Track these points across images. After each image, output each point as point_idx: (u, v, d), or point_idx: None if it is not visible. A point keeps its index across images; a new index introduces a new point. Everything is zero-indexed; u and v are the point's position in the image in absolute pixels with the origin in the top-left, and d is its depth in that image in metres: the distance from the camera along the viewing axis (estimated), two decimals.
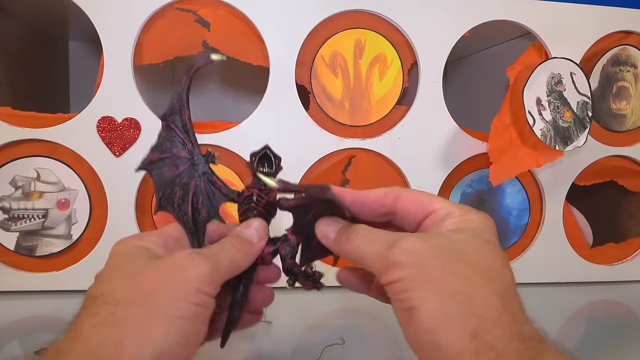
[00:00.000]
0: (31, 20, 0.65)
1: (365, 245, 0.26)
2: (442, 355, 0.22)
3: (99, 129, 0.50)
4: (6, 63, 0.60)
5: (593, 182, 0.61)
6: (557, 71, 0.53)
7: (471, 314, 0.22)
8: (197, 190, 0.32)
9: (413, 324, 0.23)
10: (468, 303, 0.22)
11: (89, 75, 0.56)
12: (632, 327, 0.51)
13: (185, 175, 0.32)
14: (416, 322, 0.22)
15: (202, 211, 0.32)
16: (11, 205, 0.50)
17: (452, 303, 0.22)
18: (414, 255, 0.24)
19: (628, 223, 0.68)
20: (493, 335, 0.21)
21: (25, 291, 0.51)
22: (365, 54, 0.54)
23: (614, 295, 0.59)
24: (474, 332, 0.21)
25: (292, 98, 0.52)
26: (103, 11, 0.49)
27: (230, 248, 0.27)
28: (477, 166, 0.57)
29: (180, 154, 0.33)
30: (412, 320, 0.23)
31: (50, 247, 0.51)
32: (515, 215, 0.59)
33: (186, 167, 0.33)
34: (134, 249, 0.27)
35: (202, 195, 0.32)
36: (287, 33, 0.52)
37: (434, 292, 0.23)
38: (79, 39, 0.78)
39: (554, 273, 0.60)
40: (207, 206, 0.32)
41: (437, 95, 0.55)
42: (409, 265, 0.23)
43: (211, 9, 0.51)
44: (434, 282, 0.23)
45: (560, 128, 0.53)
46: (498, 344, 0.21)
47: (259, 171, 0.30)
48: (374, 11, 0.53)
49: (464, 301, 0.22)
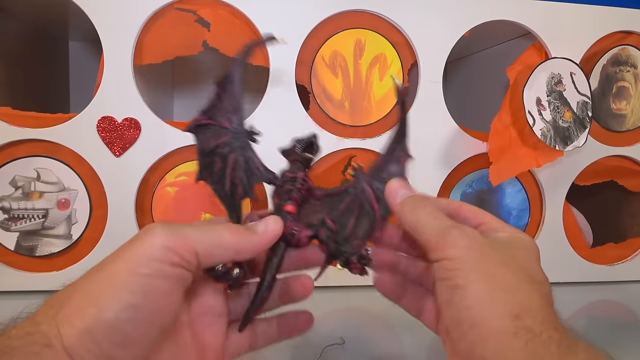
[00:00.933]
0: (31, 20, 0.65)
1: (428, 219, 0.27)
2: (480, 332, 0.22)
3: (99, 129, 0.50)
4: (6, 63, 0.60)
5: (593, 182, 0.61)
6: (557, 71, 0.53)
7: (515, 299, 0.23)
8: (236, 165, 0.31)
9: (456, 300, 0.23)
10: (513, 291, 0.23)
11: (89, 75, 0.56)
12: (632, 327, 0.51)
13: (226, 146, 0.31)
14: (459, 299, 0.23)
15: (239, 187, 0.30)
16: (11, 205, 0.50)
17: (499, 287, 0.23)
18: (472, 240, 0.25)
19: (628, 223, 0.68)
20: (534, 320, 0.22)
21: (25, 291, 0.51)
22: (365, 54, 0.54)
23: (614, 295, 0.59)
24: (516, 314, 0.22)
25: (292, 98, 0.52)
26: (103, 11, 0.49)
27: (223, 229, 0.26)
28: (477, 166, 0.57)
29: (224, 124, 0.32)
30: (454, 297, 0.23)
31: (50, 247, 0.51)
32: (515, 215, 0.59)
33: (228, 138, 0.31)
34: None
35: (240, 171, 0.31)
36: (287, 33, 0.52)
37: (482, 275, 0.23)
38: (79, 39, 0.78)
39: (554, 273, 0.60)
40: (244, 183, 0.31)
41: (437, 95, 0.55)
42: (465, 247, 0.24)
43: (211, 9, 0.51)
44: (484, 267, 0.24)
45: (560, 128, 0.53)
46: (537, 328, 0.22)
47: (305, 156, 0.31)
48: (374, 11, 0.53)
49: (509, 288, 0.23)
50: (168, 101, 0.79)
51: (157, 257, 0.23)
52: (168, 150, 0.51)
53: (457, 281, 0.23)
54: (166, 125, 0.51)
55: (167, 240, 0.23)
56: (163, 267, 0.23)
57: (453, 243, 0.24)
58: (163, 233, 0.23)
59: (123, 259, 0.23)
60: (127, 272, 0.22)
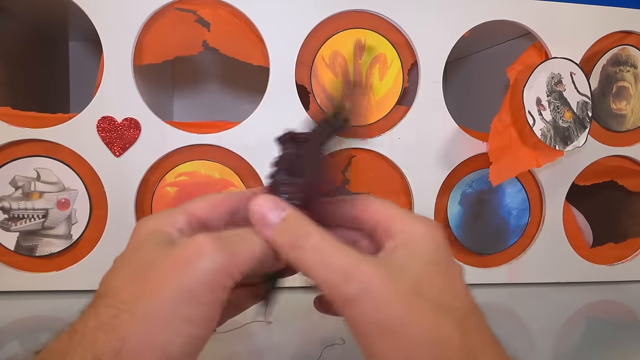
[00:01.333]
0: (31, 20, 0.65)
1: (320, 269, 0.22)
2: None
3: (99, 129, 0.50)
4: (6, 63, 0.60)
5: (593, 182, 0.61)
6: (557, 71, 0.53)
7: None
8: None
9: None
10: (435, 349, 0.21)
11: (89, 75, 0.56)
12: (632, 327, 0.51)
13: None
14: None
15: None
16: (11, 205, 0.50)
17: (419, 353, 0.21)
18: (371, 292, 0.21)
19: (628, 223, 0.68)
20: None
21: (25, 291, 0.51)
22: (365, 54, 0.54)
23: (614, 295, 0.59)
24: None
25: (292, 98, 0.52)
26: (103, 11, 0.49)
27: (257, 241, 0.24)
28: (477, 166, 0.57)
29: None
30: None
31: (50, 247, 0.51)
32: (515, 215, 0.59)
33: None
34: (149, 236, 0.24)
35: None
36: (287, 33, 0.52)
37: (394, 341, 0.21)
38: (79, 39, 0.78)
39: (554, 273, 0.60)
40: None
41: (437, 95, 0.55)
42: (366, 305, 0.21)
43: (211, 9, 0.51)
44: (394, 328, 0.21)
45: (560, 128, 0.53)
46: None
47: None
48: (374, 11, 0.53)
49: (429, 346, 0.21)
50: (168, 101, 0.79)
51: (214, 282, 0.21)
52: (168, 150, 0.51)
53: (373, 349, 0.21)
54: (166, 125, 0.51)
55: (221, 262, 0.22)
56: (219, 294, 0.22)
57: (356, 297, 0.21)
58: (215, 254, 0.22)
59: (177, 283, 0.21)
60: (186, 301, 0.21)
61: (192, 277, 0.21)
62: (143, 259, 0.23)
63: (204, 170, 0.52)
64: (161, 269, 0.22)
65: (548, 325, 0.24)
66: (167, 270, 0.22)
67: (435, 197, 0.56)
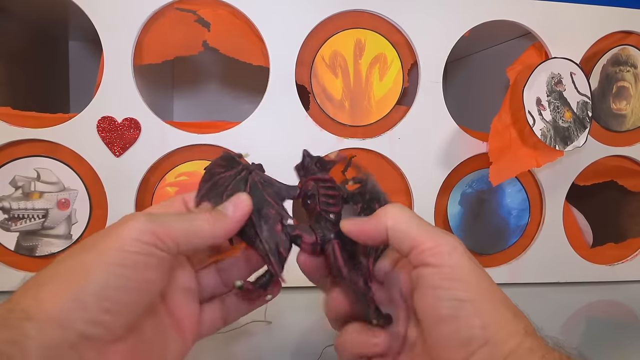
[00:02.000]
0: (31, 20, 0.65)
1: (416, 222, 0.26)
2: (497, 351, 0.22)
3: (99, 129, 0.50)
4: (6, 63, 0.60)
5: (593, 182, 0.61)
6: (557, 71, 0.53)
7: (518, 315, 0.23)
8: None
9: (464, 316, 0.22)
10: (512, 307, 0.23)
11: (89, 75, 0.56)
12: (632, 327, 0.51)
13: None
14: (470, 315, 0.22)
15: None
16: (11, 205, 0.50)
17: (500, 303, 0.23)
18: (465, 250, 0.25)
19: (628, 223, 0.68)
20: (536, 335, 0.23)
21: None
22: (365, 54, 0.54)
23: (614, 295, 0.59)
24: (525, 331, 0.22)
25: (292, 98, 0.52)
26: (103, 11, 0.49)
27: (198, 217, 0.27)
28: (477, 166, 0.57)
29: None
30: (461, 312, 0.22)
31: (50, 247, 0.51)
32: (515, 215, 0.59)
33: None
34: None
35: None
36: (287, 33, 0.52)
37: (484, 290, 0.23)
38: (79, 39, 0.78)
39: (554, 273, 0.60)
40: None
41: (437, 95, 0.55)
42: (462, 256, 0.24)
43: (211, 9, 0.51)
44: (483, 281, 0.24)
45: (560, 128, 0.53)
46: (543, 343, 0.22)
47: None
48: (374, 11, 0.53)
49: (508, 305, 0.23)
50: (168, 101, 0.79)
51: (142, 238, 0.24)
52: (168, 150, 0.51)
53: (458, 294, 0.23)
54: (166, 125, 0.51)
55: (149, 225, 0.24)
56: (149, 248, 0.24)
57: (452, 249, 0.24)
58: (144, 219, 0.24)
59: (110, 239, 0.24)
60: (116, 249, 0.23)
61: (120, 234, 0.24)
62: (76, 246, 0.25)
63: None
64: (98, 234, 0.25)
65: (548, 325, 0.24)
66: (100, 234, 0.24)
67: (435, 197, 0.56)
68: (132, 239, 0.24)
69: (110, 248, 0.23)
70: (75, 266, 0.23)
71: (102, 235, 0.24)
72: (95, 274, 0.22)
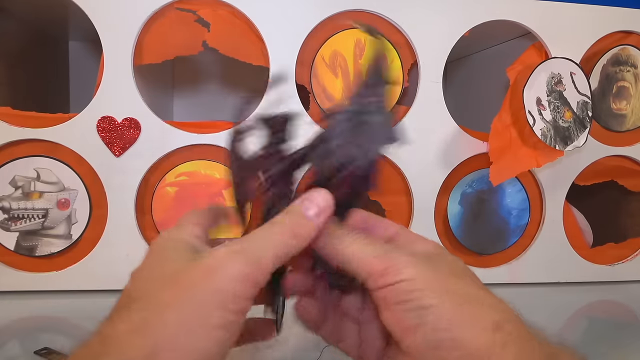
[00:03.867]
0: (31, 20, 0.65)
1: (361, 247, 0.25)
2: (466, 351, 0.21)
3: (99, 129, 0.50)
4: (6, 63, 0.60)
5: (593, 182, 0.61)
6: (557, 71, 0.53)
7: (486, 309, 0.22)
8: None
9: (429, 322, 0.22)
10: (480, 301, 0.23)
11: (89, 75, 0.56)
12: (632, 327, 0.51)
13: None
14: (434, 321, 0.22)
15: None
16: (11, 205, 0.50)
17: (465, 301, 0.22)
18: (419, 258, 0.24)
19: (628, 223, 0.68)
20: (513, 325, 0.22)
21: (25, 291, 0.51)
22: (365, 53, 0.54)
23: (614, 295, 0.59)
24: (496, 324, 0.22)
25: (292, 98, 0.52)
26: (103, 11, 0.49)
27: (279, 232, 0.24)
28: (477, 166, 0.57)
29: None
30: (426, 320, 0.22)
31: (50, 247, 0.51)
32: (515, 215, 0.59)
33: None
34: (174, 244, 0.25)
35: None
36: (287, 33, 0.52)
37: (445, 292, 0.23)
38: (79, 39, 0.78)
39: (554, 273, 0.60)
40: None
41: (437, 95, 0.55)
42: (417, 266, 0.23)
43: (211, 9, 0.51)
44: (443, 283, 0.23)
45: (560, 128, 0.53)
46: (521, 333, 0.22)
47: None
48: (374, 11, 0.53)
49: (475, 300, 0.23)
50: (168, 101, 0.79)
51: (246, 294, 0.22)
52: (168, 150, 0.51)
53: (422, 302, 0.22)
54: (166, 125, 0.51)
55: (247, 271, 0.22)
56: (246, 302, 0.22)
57: (405, 264, 0.23)
58: (240, 266, 0.22)
59: (207, 289, 0.22)
60: (215, 307, 0.21)
61: (221, 287, 0.22)
62: (171, 266, 0.23)
63: (204, 170, 0.52)
64: (192, 276, 0.22)
65: (548, 325, 0.24)
66: (197, 278, 0.22)
67: (435, 197, 0.56)
68: (234, 296, 0.22)
69: (212, 306, 0.21)
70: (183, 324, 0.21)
71: (199, 277, 0.22)
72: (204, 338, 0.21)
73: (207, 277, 0.22)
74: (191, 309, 0.21)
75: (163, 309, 0.21)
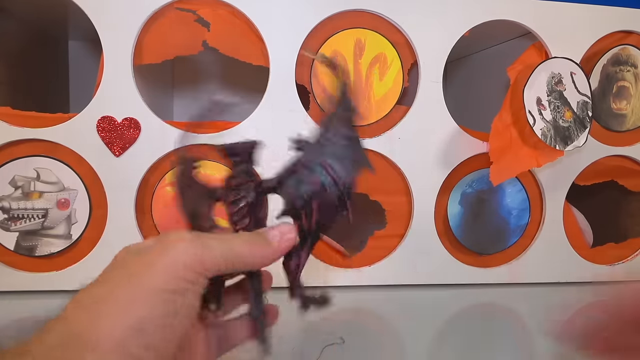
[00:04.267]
0: (31, 20, 0.65)
1: None
2: None
3: (99, 129, 0.50)
4: (6, 63, 0.60)
5: (593, 182, 0.61)
6: (557, 71, 0.53)
7: None
8: None
9: None
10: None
11: (89, 75, 0.56)
12: None
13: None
14: None
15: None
16: (11, 205, 0.50)
17: None
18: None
19: (628, 223, 0.68)
20: None
21: (25, 291, 0.51)
22: (365, 53, 0.54)
23: None
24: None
25: (292, 98, 0.52)
26: (103, 11, 0.49)
27: (239, 241, 0.26)
28: (477, 166, 0.57)
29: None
30: None
31: (50, 247, 0.51)
32: (515, 215, 0.59)
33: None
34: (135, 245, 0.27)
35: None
36: (287, 33, 0.52)
37: None
38: (79, 39, 0.78)
39: (554, 273, 0.60)
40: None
41: (437, 95, 0.55)
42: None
43: (211, 9, 0.51)
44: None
45: (561, 128, 0.53)
46: None
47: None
48: (374, 11, 0.53)
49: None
50: (168, 101, 0.79)
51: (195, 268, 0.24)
52: (168, 150, 0.51)
53: None
54: (166, 125, 0.51)
55: (197, 252, 0.24)
56: (197, 277, 0.24)
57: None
58: (191, 244, 0.24)
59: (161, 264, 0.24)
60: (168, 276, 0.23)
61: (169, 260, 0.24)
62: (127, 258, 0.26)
63: (204, 170, 0.52)
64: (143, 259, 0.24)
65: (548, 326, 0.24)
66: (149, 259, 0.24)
67: (435, 197, 0.56)
68: (183, 267, 0.24)
69: (163, 274, 0.23)
70: (129, 294, 0.23)
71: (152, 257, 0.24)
72: (152, 302, 0.23)
73: (159, 254, 0.24)
74: (140, 279, 0.23)
75: (113, 286, 0.24)
